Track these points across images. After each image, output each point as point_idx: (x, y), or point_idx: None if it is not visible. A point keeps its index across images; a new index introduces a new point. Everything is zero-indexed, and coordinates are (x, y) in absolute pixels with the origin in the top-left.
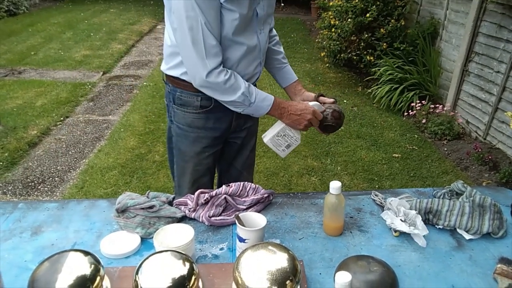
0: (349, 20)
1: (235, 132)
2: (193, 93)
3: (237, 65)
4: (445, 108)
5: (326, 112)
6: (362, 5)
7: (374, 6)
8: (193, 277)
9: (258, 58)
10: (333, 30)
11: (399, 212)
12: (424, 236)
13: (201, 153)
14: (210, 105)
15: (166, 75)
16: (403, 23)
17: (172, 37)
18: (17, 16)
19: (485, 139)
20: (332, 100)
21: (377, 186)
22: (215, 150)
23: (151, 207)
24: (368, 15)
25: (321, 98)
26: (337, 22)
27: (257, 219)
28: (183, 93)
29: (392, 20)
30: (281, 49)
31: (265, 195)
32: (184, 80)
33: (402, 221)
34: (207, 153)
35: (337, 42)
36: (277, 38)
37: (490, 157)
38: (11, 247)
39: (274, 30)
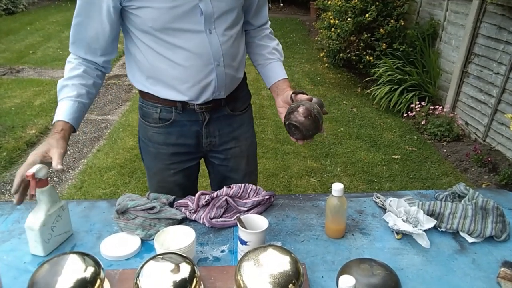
0: (348, 19)
1: (212, 151)
2: (153, 103)
3: (178, 71)
4: (444, 110)
5: (293, 107)
6: (362, 5)
7: (374, 6)
8: (195, 280)
9: (210, 64)
10: (332, 29)
11: (400, 213)
12: (427, 233)
13: (165, 170)
14: (170, 119)
15: None
16: (402, 24)
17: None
18: (15, 14)
19: (484, 140)
20: (308, 97)
21: (376, 188)
22: (184, 168)
23: (151, 208)
24: (367, 15)
25: (298, 96)
26: (336, 21)
27: (259, 221)
28: (144, 103)
29: (392, 21)
30: (270, 43)
31: (266, 197)
32: (145, 92)
33: (404, 221)
34: (172, 170)
35: (337, 42)
36: (268, 31)
37: (489, 159)
38: (10, 248)
39: (267, 25)
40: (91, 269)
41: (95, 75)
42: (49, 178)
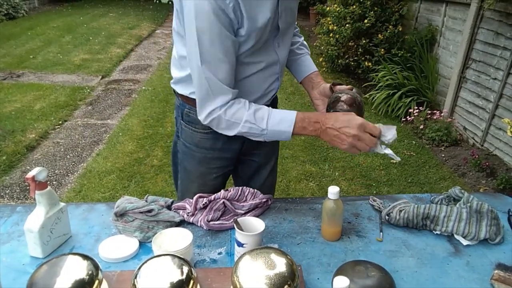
0: (347, 25)
1: (248, 152)
2: None
3: (248, 82)
4: (442, 114)
5: (335, 96)
6: (360, 11)
7: (372, 12)
8: (192, 282)
9: (275, 74)
10: (331, 35)
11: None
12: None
13: (208, 174)
14: None
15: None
16: (400, 29)
17: (181, 53)
18: (16, 19)
19: (482, 145)
20: (348, 86)
21: (375, 192)
22: (224, 172)
23: (149, 211)
24: (366, 20)
25: (338, 87)
26: (335, 27)
27: (256, 224)
28: (192, 110)
29: (390, 26)
30: (298, 39)
31: (264, 200)
32: (193, 98)
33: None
34: (214, 174)
35: (335, 47)
36: (296, 29)
37: (487, 164)
38: (9, 250)
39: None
40: (89, 271)
41: None
42: (48, 182)
